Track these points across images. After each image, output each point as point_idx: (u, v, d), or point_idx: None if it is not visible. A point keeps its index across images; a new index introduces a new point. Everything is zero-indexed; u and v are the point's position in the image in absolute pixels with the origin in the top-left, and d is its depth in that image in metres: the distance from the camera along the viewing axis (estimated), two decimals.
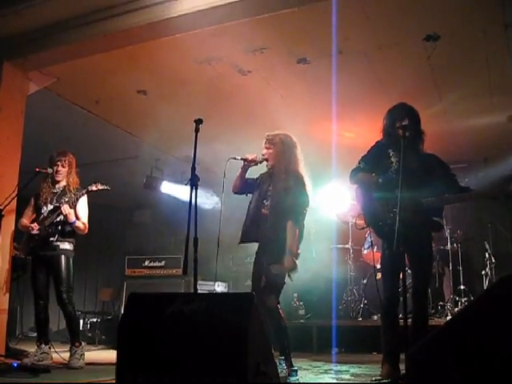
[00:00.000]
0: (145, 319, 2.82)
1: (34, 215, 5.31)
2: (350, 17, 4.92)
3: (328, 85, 6.16)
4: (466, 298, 7.21)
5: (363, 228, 4.28)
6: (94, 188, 5.19)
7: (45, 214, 5.21)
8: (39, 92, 5.98)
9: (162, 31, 5.04)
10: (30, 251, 5.24)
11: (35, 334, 5.53)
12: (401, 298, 4.40)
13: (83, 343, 5.29)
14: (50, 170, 5.24)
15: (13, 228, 5.42)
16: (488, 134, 7.46)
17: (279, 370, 3.47)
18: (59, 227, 5.19)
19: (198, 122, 3.79)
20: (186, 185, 3.69)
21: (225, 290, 8.56)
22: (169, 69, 5.91)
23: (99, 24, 5.12)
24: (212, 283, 8.02)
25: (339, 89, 6.09)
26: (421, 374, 2.84)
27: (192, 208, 3.51)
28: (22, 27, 5.30)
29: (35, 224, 5.19)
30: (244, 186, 4.65)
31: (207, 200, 8.14)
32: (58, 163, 5.29)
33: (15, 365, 4.57)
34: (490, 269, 7.50)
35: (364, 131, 7.49)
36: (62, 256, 5.18)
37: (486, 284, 7.46)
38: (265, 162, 4.63)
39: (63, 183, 5.33)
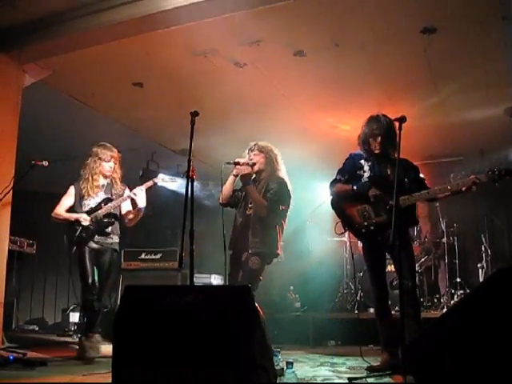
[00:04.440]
0: (141, 312, 2.81)
1: (72, 205, 5.31)
2: (346, 9, 4.91)
3: (324, 77, 6.16)
4: (461, 291, 7.23)
5: (342, 233, 4.53)
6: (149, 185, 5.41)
7: (92, 206, 5.24)
8: (35, 84, 5.95)
9: (158, 23, 5.02)
10: (78, 243, 5.19)
11: (31, 327, 5.52)
12: (390, 291, 4.66)
13: (96, 335, 5.25)
14: (45, 163, 5.17)
15: (9, 220, 5.40)
16: (484, 127, 7.45)
17: (275, 363, 3.47)
18: (108, 220, 5.25)
19: (194, 114, 3.78)
20: (182, 177, 3.69)
21: (221, 283, 8.54)
22: (165, 61, 5.88)
23: (95, 16, 5.09)
24: (208, 276, 8.02)
25: (336, 81, 6.08)
26: (416, 366, 2.85)
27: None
28: (17, 19, 5.26)
29: (81, 215, 5.18)
30: (231, 195, 4.81)
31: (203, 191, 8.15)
32: (112, 159, 5.37)
33: (11, 358, 4.57)
34: (486, 262, 7.53)
35: (360, 124, 7.46)
36: (111, 250, 5.28)
37: (481, 277, 7.49)
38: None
39: (109, 177, 5.41)
